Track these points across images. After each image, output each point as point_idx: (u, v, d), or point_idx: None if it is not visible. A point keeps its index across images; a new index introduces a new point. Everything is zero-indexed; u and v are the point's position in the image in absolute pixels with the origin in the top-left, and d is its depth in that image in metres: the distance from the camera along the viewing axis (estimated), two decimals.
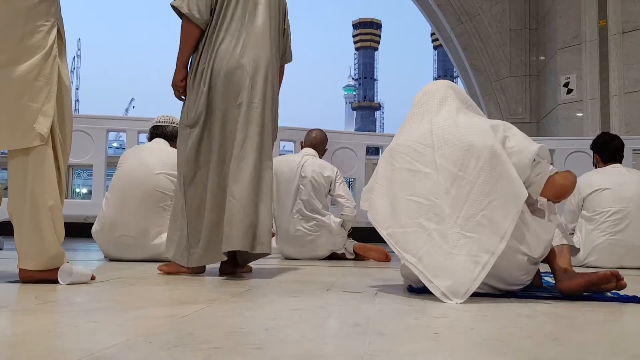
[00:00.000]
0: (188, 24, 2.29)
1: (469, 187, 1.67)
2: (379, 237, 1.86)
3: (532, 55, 7.63)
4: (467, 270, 1.60)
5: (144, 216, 2.98)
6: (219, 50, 2.30)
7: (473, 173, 1.68)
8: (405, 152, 1.83)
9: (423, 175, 1.76)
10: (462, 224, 1.65)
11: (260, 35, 2.35)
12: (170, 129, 3.29)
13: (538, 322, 1.32)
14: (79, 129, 4.08)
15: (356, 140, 4.90)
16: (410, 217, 1.72)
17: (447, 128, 1.80)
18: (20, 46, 1.81)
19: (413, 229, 1.70)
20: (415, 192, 1.74)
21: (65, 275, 1.86)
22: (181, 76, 2.35)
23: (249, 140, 2.24)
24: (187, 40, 2.32)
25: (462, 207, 1.66)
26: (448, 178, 1.71)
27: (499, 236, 1.62)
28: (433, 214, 1.68)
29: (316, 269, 2.79)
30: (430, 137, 1.81)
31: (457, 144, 1.74)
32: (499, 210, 1.64)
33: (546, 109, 7.11)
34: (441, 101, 1.89)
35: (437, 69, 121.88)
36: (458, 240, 1.63)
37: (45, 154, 1.84)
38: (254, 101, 2.27)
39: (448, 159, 1.73)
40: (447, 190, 1.69)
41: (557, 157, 4.74)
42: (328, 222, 3.51)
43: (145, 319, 1.27)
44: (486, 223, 1.63)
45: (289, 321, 1.27)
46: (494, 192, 1.65)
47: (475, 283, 1.59)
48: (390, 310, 1.46)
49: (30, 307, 1.43)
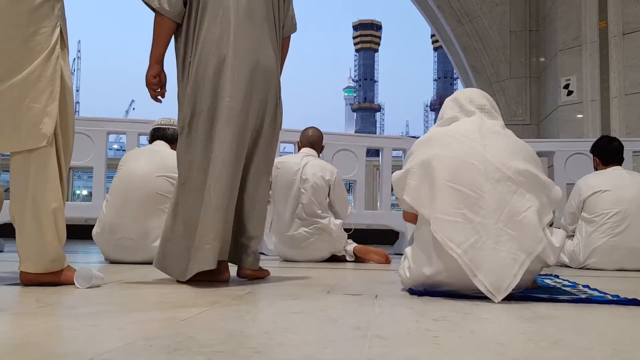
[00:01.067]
0: (159, 18, 2.11)
1: (514, 187, 1.76)
2: (380, 239, 1.86)
3: (533, 57, 7.63)
4: (508, 267, 1.65)
5: (144, 218, 2.98)
6: (203, 41, 2.09)
7: (519, 178, 1.77)
8: (445, 140, 1.89)
9: (468, 164, 1.80)
10: (505, 220, 1.70)
11: (247, 16, 2.12)
12: (171, 132, 3.29)
13: (538, 325, 1.32)
14: (79, 131, 4.07)
15: (356, 142, 4.90)
16: (454, 207, 1.74)
17: (498, 132, 1.90)
18: (24, 48, 1.82)
19: (458, 219, 1.72)
20: (458, 179, 1.77)
21: (83, 280, 1.85)
22: (153, 72, 2.15)
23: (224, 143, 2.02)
24: (159, 34, 2.13)
25: (506, 204, 1.73)
26: (496, 174, 1.77)
27: (537, 239, 1.70)
28: (478, 207, 1.72)
29: (316, 272, 2.79)
30: (478, 133, 1.88)
31: (506, 148, 1.84)
32: (536, 216, 1.73)
33: (546, 111, 7.11)
34: (481, 108, 2.00)
35: (437, 70, 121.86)
36: (501, 235, 1.69)
37: (48, 156, 1.85)
38: (239, 95, 2.06)
39: (497, 157, 1.80)
40: (494, 186, 1.75)
41: (558, 159, 4.73)
42: (328, 225, 3.51)
43: (146, 322, 1.27)
44: (527, 223, 1.71)
45: (289, 324, 1.27)
46: (533, 199, 1.76)
47: (515, 280, 1.64)
48: (391, 313, 1.46)
49: (30, 310, 1.43)
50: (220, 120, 2.03)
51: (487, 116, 1.99)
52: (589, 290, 2.04)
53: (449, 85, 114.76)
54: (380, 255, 3.53)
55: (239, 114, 2.05)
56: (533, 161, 1.87)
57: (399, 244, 4.74)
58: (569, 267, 3.45)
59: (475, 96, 2.06)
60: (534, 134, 7.29)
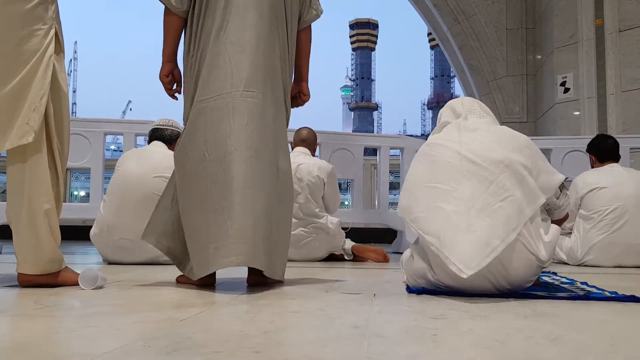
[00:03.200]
0: (167, 14, 2.08)
1: (492, 178, 1.77)
2: (378, 238, 1.88)
3: (529, 55, 7.63)
4: (480, 247, 1.65)
5: (141, 219, 2.95)
6: (201, 36, 2.03)
7: (497, 169, 1.78)
8: (430, 149, 1.94)
9: (444, 164, 1.84)
10: (479, 208, 1.72)
11: (247, 8, 2.02)
12: (169, 132, 3.29)
13: (537, 322, 1.32)
14: (76, 132, 4.07)
15: (354, 141, 4.89)
16: (430, 202, 1.78)
17: (478, 128, 1.93)
18: (18, 51, 1.81)
19: (433, 213, 1.76)
20: (434, 179, 1.82)
21: (87, 282, 1.85)
22: (165, 71, 2.12)
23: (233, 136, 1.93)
24: (168, 31, 2.10)
25: (482, 194, 1.74)
26: (471, 167, 1.79)
27: (510, 228, 1.69)
28: (452, 198, 1.75)
29: (314, 270, 2.79)
30: (457, 132, 1.93)
31: (483, 141, 1.86)
32: (514, 206, 1.73)
33: (543, 108, 7.12)
34: (470, 111, 2.04)
35: (434, 68, 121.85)
36: (475, 221, 1.69)
37: (42, 158, 1.84)
38: (238, 89, 1.96)
39: (472, 151, 1.83)
40: (468, 178, 1.77)
41: (555, 156, 4.74)
42: (325, 224, 3.50)
43: (144, 323, 1.27)
44: (502, 213, 1.71)
45: (287, 324, 1.27)
46: (513, 189, 1.76)
47: (486, 260, 1.63)
48: (389, 312, 1.46)
49: (29, 312, 1.43)
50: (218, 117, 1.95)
51: (473, 116, 2.02)
52: (587, 287, 2.04)
53: (446, 84, 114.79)
54: (378, 254, 3.53)
55: (236, 111, 1.95)
56: (522, 150, 1.84)
57: (397, 242, 4.74)
58: (567, 264, 3.46)
59: (467, 101, 2.12)
60: (531, 132, 7.29)
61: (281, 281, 2.07)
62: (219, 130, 1.94)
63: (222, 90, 1.96)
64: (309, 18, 2.23)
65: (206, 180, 1.93)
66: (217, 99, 1.96)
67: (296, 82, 2.28)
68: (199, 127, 1.98)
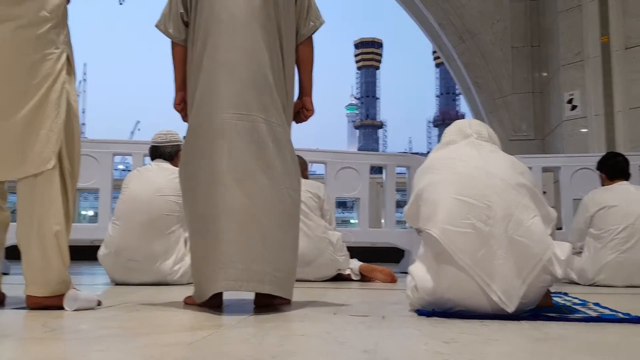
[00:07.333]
0: (173, 45, 2.12)
1: (519, 197, 1.80)
2: (384, 257, 1.87)
3: (535, 72, 7.63)
4: (517, 274, 1.69)
5: (149, 240, 2.97)
6: (190, 60, 2.05)
7: (522, 189, 1.83)
8: (446, 162, 1.95)
9: (472, 178, 1.85)
10: (513, 227, 1.73)
11: (233, 28, 1.98)
12: (169, 150, 3.25)
13: (549, 345, 1.30)
14: (85, 152, 4.08)
15: (360, 160, 4.89)
16: (463, 217, 1.76)
17: (495, 151, 1.99)
18: (30, 75, 1.84)
19: (467, 230, 1.74)
20: (464, 192, 1.81)
21: (71, 302, 1.85)
22: (177, 100, 2.14)
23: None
24: (174, 60, 2.13)
25: (513, 213, 1.76)
26: (500, 184, 1.82)
27: (545, 244, 1.73)
28: (486, 217, 1.75)
29: (321, 291, 2.77)
30: (476, 151, 1.96)
31: (504, 163, 1.91)
32: (542, 224, 1.77)
33: (551, 126, 7.10)
34: (479, 134, 2.06)
35: (440, 86, 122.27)
36: (510, 243, 1.71)
37: (53, 180, 1.86)
38: (228, 112, 1.93)
39: (498, 169, 1.86)
40: (500, 196, 1.78)
41: (564, 174, 4.71)
42: (327, 239, 3.48)
43: (153, 346, 1.26)
44: (535, 230, 1.75)
45: (296, 347, 1.26)
46: (537, 209, 1.81)
47: (523, 287, 1.69)
48: (399, 335, 1.44)
49: (37, 335, 1.42)
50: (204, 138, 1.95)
51: (483, 141, 2.04)
52: (599, 308, 2.01)
53: (451, 101, 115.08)
54: (386, 274, 3.50)
55: (225, 133, 1.92)
56: (530, 179, 1.92)
57: (404, 262, 4.70)
58: (578, 284, 3.42)
59: (475, 123, 2.14)
60: (539, 149, 7.26)
61: (288, 301, 2.05)
62: (209, 153, 1.93)
63: (212, 113, 1.95)
64: (306, 30, 2.16)
65: (198, 203, 1.94)
66: (208, 123, 1.95)
67: (299, 97, 2.23)
68: (192, 149, 2.00)
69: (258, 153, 1.93)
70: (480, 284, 1.68)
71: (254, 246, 1.87)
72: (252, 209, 1.89)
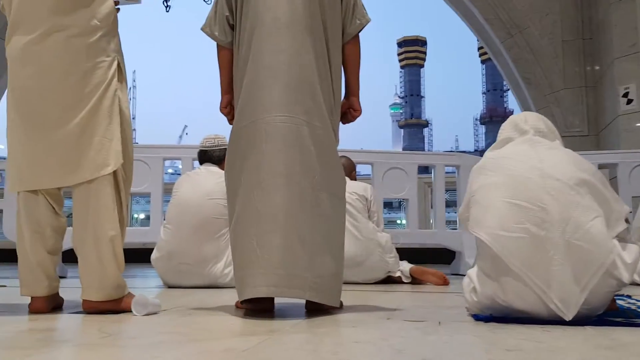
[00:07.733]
0: (218, 49, 2.13)
1: (578, 197, 1.68)
2: (434, 259, 1.81)
3: (587, 66, 7.36)
4: (577, 280, 1.59)
5: (200, 243, 3.00)
6: (240, 64, 2.04)
7: (582, 189, 1.70)
8: (499, 162, 1.86)
9: (525, 179, 1.75)
10: (571, 231, 1.63)
11: (277, 32, 1.97)
12: (217, 153, 3.28)
13: (618, 354, 1.22)
14: (136, 158, 4.16)
15: (407, 160, 4.81)
16: (516, 222, 1.68)
17: (555, 147, 1.87)
18: (83, 83, 1.88)
19: (522, 235, 1.66)
20: (516, 195, 1.72)
21: (140, 307, 1.87)
22: (224, 102, 2.15)
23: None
24: (221, 64, 2.14)
25: (571, 215, 1.65)
26: (556, 185, 1.70)
27: (607, 249, 1.61)
28: (541, 220, 1.65)
29: (373, 295, 2.73)
30: (532, 150, 1.84)
31: (563, 160, 1.79)
32: (603, 226, 1.65)
33: (605, 121, 6.83)
34: (537, 130, 1.95)
35: (486, 83, 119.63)
36: (569, 248, 1.61)
37: (107, 185, 1.89)
38: (271, 114, 1.92)
39: (555, 169, 1.75)
40: (555, 198, 1.68)
41: (621, 170, 4.51)
42: (376, 240, 3.43)
43: (208, 353, 1.25)
44: (596, 233, 1.63)
45: (350, 355, 1.23)
46: (601, 207, 1.68)
47: (583, 294, 1.59)
48: (458, 343, 1.39)
49: (93, 340, 1.44)
50: (250, 143, 1.94)
51: (542, 137, 1.93)
52: None
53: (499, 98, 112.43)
54: (438, 277, 3.42)
55: (269, 136, 1.91)
56: (595, 175, 1.79)
57: (455, 263, 4.60)
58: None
59: (532, 118, 2.02)
60: (593, 145, 7.00)
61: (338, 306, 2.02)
62: (251, 157, 1.92)
63: (256, 116, 1.94)
64: (352, 29, 2.13)
65: (239, 205, 1.93)
66: (250, 126, 1.94)
67: (346, 97, 2.19)
68: (235, 152, 2.00)
69: (299, 156, 1.91)
70: (536, 291, 1.59)
71: (294, 251, 1.84)
72: (291, 213, 1.87)
